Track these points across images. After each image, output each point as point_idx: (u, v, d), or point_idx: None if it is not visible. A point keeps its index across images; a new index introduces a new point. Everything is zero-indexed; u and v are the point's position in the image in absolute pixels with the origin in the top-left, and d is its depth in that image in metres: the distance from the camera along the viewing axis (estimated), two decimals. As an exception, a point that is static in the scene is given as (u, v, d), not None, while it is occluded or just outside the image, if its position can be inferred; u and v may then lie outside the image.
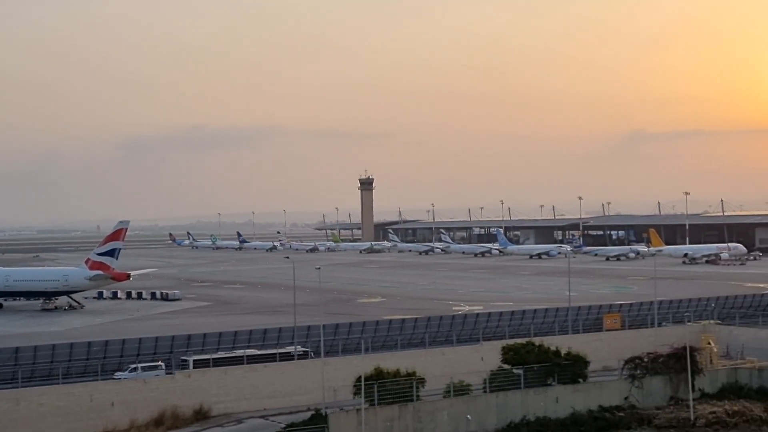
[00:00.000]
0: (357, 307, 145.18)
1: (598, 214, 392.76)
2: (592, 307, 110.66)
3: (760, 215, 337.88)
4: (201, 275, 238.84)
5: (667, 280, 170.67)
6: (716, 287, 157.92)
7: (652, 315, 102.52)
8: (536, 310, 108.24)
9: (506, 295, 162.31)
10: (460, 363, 76.86)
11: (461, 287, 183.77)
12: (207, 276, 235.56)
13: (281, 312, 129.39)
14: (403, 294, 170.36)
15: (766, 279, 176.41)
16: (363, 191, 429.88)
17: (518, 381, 65.79)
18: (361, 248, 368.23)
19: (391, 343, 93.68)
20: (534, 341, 72.50)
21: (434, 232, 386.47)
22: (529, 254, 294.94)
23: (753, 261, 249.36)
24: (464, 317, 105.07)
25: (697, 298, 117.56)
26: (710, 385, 71.06)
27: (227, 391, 73.57)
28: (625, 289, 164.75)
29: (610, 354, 79.46)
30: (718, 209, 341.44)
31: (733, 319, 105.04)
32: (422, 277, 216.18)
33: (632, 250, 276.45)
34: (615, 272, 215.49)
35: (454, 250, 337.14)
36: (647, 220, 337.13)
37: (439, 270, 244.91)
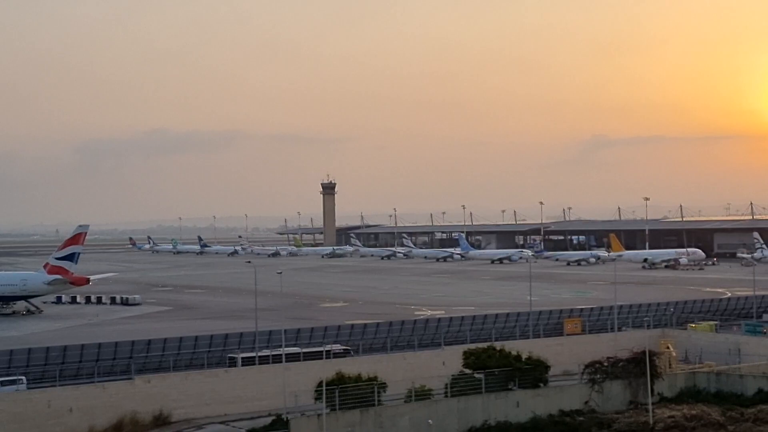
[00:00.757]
0: (319, 312, 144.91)
1: (559, 219, 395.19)
2: (552, 311, 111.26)
3: (719, 221, 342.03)
4: (161, 280, 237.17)
5: (627, 284, 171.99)
6: (675, 292, 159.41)
7: (612, 320, 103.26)
8: (497, 314, 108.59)
9: (468, 299, 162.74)
10: (422, 368, 76.98)
11: (423, 292, 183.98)
12: (168, 280, 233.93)
13: (243, 317, 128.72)
14: (365, 299, 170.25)
15: (724, 284, 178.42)
16: (325, 196, 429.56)
17: (479, 386, 65.97)
18: (323, 253, 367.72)
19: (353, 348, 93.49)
20: (495, 346, 72.75)
21: (396, 237, 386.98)
22: (490, 259, 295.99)
23: (711, 266, 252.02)
24: (426, 322, 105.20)
25: (657, 303, 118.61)
26: (669, 389, 71.65)
27: (188, 397, 73.10)
28: (585, 294, 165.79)
29: (570, 358, 79.95)
30: (678, 215, 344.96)
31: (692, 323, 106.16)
32: (384, 282, 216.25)
33: (593, 255, 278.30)
34: (576, 277, 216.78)
35: (416, 254, 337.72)
36: (608, 225, 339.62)
37: (401, 275, 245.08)
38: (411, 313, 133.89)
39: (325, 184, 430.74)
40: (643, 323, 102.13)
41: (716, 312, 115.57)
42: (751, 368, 78.86)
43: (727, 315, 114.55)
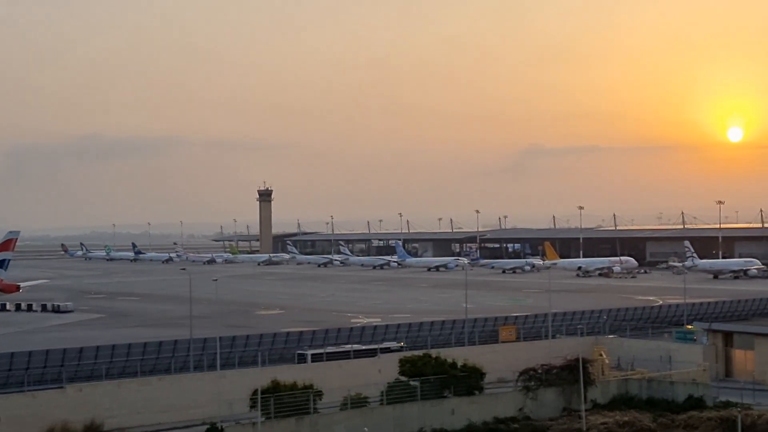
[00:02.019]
0: (255, 319, 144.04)
1: (495, 228, 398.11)
2: (488, 319, 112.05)
3: (651, 230, 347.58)
4: (95, 287, 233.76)
5: (561, 292, 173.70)
6: (608, 300, 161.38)
7: (546, 327, 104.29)
8: (433, 322, 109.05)
9: (404, 307, 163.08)
10: (358, 375, 76.89)
11: (360, 299, 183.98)
12: (101, 288, 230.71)
13: (177, 324, 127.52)
14: (302, 306, 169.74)
15: (655, 292, 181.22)
16: (261, 203, 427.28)
17: (415, 393, 66.12)
18: (260, 260, 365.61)
19: (288, 356, 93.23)
20: (431, 353, 72.93)
21: (333, 244, 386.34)
22: (427, 267, 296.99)
23: (644, 274, 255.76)
24: (362, 329, 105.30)
25: (590, 311, 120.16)
26: (602, 396, 72.47)
27: (120, 405, 72.04)
28: (520, 302, 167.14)
29: (505, 365, 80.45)
30: (611, 223, 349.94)
31: (624, 330, 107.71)
32: (321, 289, 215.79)
33: (528, 263, 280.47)
34: (511, 285, 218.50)
35: (352, 262, 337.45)
36: (542, 234, 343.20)
37: (338, 282, 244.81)
38: (347, 321, 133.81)
39: (261, 190, 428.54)
40: (576, 331, 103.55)
41: (648, 320, 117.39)
42: (682, 375, 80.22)
43: (658, 323, 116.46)
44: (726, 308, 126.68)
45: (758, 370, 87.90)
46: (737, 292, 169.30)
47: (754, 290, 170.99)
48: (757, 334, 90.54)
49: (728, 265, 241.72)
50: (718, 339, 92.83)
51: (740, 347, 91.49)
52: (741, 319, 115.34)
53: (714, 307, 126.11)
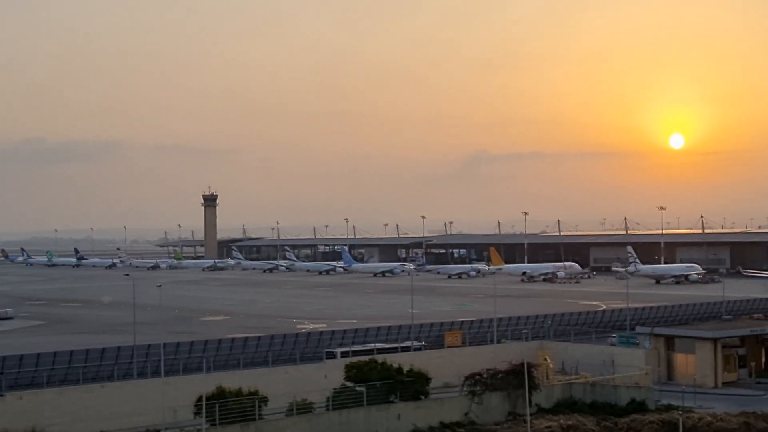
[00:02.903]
0: (199, 326, 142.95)
1: (441, 233, 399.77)
2: (434, 324, 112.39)
3: (594, 235, 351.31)
4: (36, 293, 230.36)
5: (506, 297, 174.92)
6: (553, 304, 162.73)
7: (491, 332, 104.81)
8: (380, 327, 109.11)
9: (350, 312, 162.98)
10: (304, 381, 76.58)
11: (306, 305, 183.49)
12: (42, 294, 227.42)
13: (121, 331, 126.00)
14: (247, 312, 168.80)
15: (599, 296, 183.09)
16: (206, 208, 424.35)
17: (361, 398, 66.02)
18: (204, 266, 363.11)
19: (233, 362, 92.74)
20: (377, 359, 72.92)
21: (279, 250, 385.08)
22: (373, 272, 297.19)
23: (587, 279, 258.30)
24: (308, 335, 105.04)
25: (535, 316, 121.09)
26: (546, 400, 72.98)
27: (62, 413, 70.85)
28: (466, 307, 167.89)
29: (451, 371, 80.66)
30: (556, 229, 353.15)
31: (569, 335, 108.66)
32: (266, 295, 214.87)
33: (473, 269, 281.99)
34: (457, 290, 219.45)
35: (298, 267, 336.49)
36: (488, 239, 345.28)
37: (284, 288, 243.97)
38: (293, 327, 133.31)
39: (206, 196, 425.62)
40: (521, 335, 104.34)
41: (592, 324, 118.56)
42: (625, 379, 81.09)
43: (602, 327, 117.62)
44: (668, 313, 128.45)
45: (699, 373, 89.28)
46: (679, 296, 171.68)
47: (695, 295, 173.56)
48: (698, 338, 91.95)
49: (670, 271, 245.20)
50: (660, 343, 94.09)
51: (681, 351, 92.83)
52: (682, 324, 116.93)
53: (656, 312, 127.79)
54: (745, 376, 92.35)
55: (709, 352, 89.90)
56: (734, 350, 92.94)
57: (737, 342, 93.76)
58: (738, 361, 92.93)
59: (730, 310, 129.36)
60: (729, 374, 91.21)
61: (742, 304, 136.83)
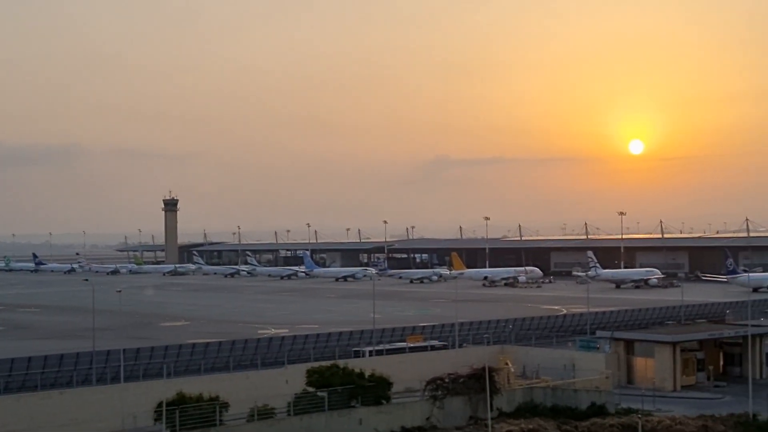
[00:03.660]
0: (159, 331, 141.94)
1: (403, 238, 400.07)
2: (396, 329, 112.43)
3: (555, 240, 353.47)
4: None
5: (468, 302, 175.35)
6: (514, 309, 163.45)
7: (453, 336, 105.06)
8: (341, 332, 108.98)
9: (312, 317, 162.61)
10: (265, 386, 76.33)
11: (267, 310, 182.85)
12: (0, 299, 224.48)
13: (80, 336, 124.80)
14: (208, 317, 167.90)
15: (560, 301, 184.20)
16: (167, 212, 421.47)
17: (323, 404, 65.91)
18: (165, 270, 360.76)
19: (194, 368, 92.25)
20: (339, 364, 72.83)
21: (240, 255, 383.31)
22: (335, 277, 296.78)
23: (548, 284, 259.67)
24: (269, 340, 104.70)
25: (496, 320, 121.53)
26: (507, 404, 73.29)
27: (20, 420, 70.00)
28: (427, 312, 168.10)
29: (413, 375, 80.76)
30: (517, 234, 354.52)
31: (530, 339, 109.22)
32: (228, 300, 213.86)
33: (435, 273, 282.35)
34: (418, 295, 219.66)
35: (260, 272, 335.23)
36: (449, 244, 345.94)
37: (245, 293, 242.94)
38: (254, 332, 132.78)
39: (166, 200, 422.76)
40: (483, 340, 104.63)
41: (552, 328, 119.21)
42: (585, 383, 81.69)
43: (562, 331, 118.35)
44: (627, 317, 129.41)
45: (658, 377, 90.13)
46: (638, 301, 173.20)
47: (655, 299, 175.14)
48: (657, 342, 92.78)
49: (630, 275, 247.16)
50: (620, 347, 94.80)
51: (641, 355, 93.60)
52: (642, 328, 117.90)
53: (616, 316, 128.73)
54: (703, 379, 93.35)
55: (668, 356, 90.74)
56: (693, 354, 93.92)
57: (696, 346, 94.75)
58: (696, 364, 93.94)
59: (688, 314, 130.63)
60: (687, 378, 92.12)
61: (700, 308, 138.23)
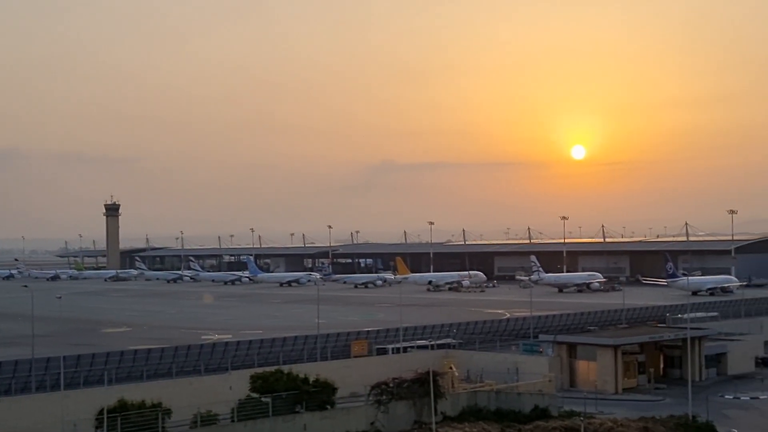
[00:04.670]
0: (101, 338, 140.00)
1: (347, 243, 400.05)
2: (340, 334, 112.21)
3: (499, 244, 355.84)
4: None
5: (412, 306, 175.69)
6: (458, 313, 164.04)
7: (398, 341, 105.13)
8: (285, 337, 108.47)
9: (256, 323, 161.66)
10: (208, 393, 75.67)
11: (210, 315, 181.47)
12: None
13: (19, 344, 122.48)
14: (150, 323, 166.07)
15: (503, 305, 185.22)
16: (108, 217, 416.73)
17: (267, 409, 65.54)
18: (107, 276, 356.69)
19: (136, 374, 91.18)
20: (283, 369, 72.52)
21: (183, 260, 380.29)
22: (279, 282, 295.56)
23: (492, 288, 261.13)
24: (213, 346, 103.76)
25: (441, 324, 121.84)
26: (452, 408, 73.48)
27: (-44, 429, 68.83)
28: (372, 316, 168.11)
29: (357, 380, 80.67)
30: (461, 238, 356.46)
31: (474, 343, 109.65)
32: (170, 306, 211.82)
33: (379, 278, 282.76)
34: (363, 299, 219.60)
35: (203, 278, 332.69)
36: (394, 249, 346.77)
37: (188, 298, 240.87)
38: (197, 338, 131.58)
39: (108, 205, 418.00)
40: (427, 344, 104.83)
41: (496, 332, 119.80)
42: (528, 386, 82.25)
43: (506, 335, 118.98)
44: (570, 321, 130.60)
45: (600, 380, 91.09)
46: (581, 304, 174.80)
47: (597, 303, 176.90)
48: (599, 346, 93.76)
49: (572, 279, 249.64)
50: (563, 350, 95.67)
51: (583, 358, 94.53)
52: (584, 331, 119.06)
53: (559, 320, 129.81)
54: (644, 382, 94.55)
55: (610, 359, 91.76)
56: (634, 357, 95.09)
57: (637, 349, 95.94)
58: (637, 367, 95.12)
59: (629, 317, 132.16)
60: (629, 380, 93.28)
61: (641, 312, 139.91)
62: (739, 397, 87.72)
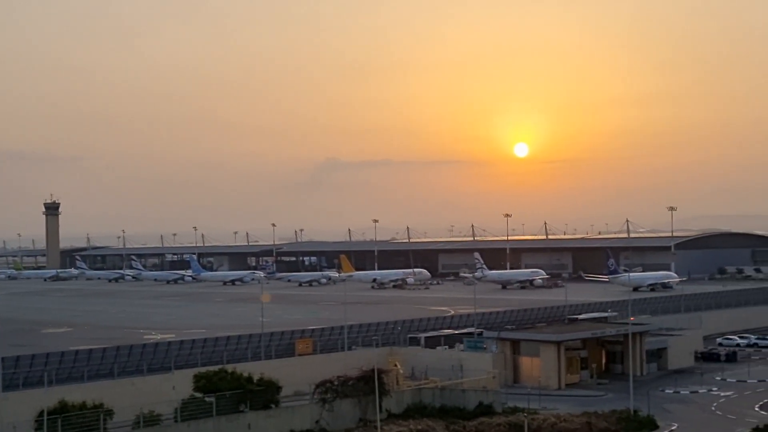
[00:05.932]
0: (41, 338, 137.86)
1: (291, 241, 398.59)
2: (284, 332, 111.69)
3: (443, 242, 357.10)
4: None
5: (357, 304, 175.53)
6: (403, 311, 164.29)
7: (342, 339, 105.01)
8: (229, 336, 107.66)
9: (199, 322, 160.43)
10: (151, 393, 74.97)
11: (153, 315, 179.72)
12: None
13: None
14: (92, 323, 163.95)
15: (448, 302, 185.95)
16: (48, 216, 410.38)
17: (210, 409, 65.12)
18: (46, 276, 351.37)
19: (77, 375, 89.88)
20: (227, 368, 72.12)
21: (125, 259, 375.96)
22: (222, 281, 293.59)
23: (436, 285, 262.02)
24: (155, 346, 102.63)
25: (385, 322, 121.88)
26: (397, 405, 73.66)
27: None
28: (316, 314, 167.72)
29: (302, 378, 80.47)
30: (405, 236, 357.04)
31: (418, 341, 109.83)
32: (112, 305, 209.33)
33: (324, 276, 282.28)
34: (307, 298, 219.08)
35: (146, 277, 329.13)
36: (338, 247, 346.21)
37: (130, 298, 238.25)
38: (140, 337, 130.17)
39: (48, 204, 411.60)
40: (372, 342, 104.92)
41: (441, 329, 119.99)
42: (472, 383, 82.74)
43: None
44: (513, 317, 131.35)
45: (543, 375, 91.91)
46: (524, 301, 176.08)
47: (539, 299, 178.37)
48: (542, 342, 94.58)
49: (515, 276, 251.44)
50: (507, 347, 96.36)
51: (527, 354, 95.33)
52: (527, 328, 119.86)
53: (502, 317, 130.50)
54: (587, 377, 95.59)
55: (553, 355, 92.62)
56: (576, 353, 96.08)
57: (579, 344, 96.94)
58: (580, 363, 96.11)
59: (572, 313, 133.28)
60: (572, 376, 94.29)
61: (583, 308, 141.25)
62: (679, 391, 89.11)
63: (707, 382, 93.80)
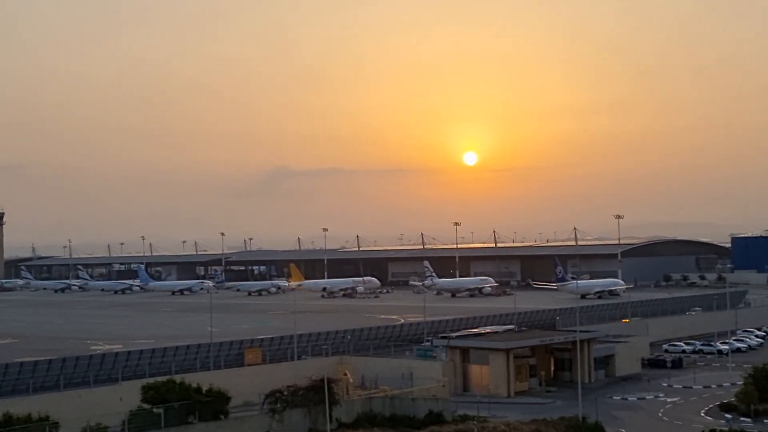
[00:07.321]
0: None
1: (241, 250, 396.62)
2: (233, 342, 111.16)
3: (393, 250, 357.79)
4: None
5: (306, 313, 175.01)
6: (353, 319, 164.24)
7: (292, 348, 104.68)
8: (178, 347, 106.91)
9: (147, 332, 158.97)
10: (98, 404, 74.07)
11: (100, 325, 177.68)
12: None
13: None
14: (37, 334, 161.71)
15: (397, 311, 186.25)
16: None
17: (159, 421, 64.50)
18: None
19: (22, 387, 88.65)
20: (175, 379, 71.46)
21: (71, 269, 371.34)
22: (171, 290, 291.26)
23: (386, 293, 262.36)
24: (102, 357, 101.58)
25: (335, 331, 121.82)
26: (347, 415, 73.49)
27: None
28: (266, 324, 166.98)
29: (251, 389, 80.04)
30: (355, 245, 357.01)
31: (368, 350, 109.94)
32: (58, 316, 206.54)
33: (273, 285, 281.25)
34: (257, 307, 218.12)
35: (92, 287, 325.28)
36: (288, 256, 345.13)
37: (77, 308, 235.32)
38: (86, 348, 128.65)
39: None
40: (322, 351, 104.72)
41: (390, 338, 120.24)
42: (422, 391, 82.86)
43: (400, 341, 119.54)
44: (463, 325, 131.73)
45: (493, 383, 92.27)
46: (473, 309, 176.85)
47: (489, 307, 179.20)
48: (491, 350, 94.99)
49: (465, 284, 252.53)
50: (456, 355, 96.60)
51: (476, 362, 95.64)
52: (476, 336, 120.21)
53: (452, 325, 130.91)
54: (535, 384, 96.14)
55: (502, 363, 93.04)
56: (525, 360, 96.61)
57: (528, 352, 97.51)
58: (529, 370, 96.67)
59: (521, 321, 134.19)
60: (521, 383, 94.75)
61: (532, 315, 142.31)
62: (627, 398, 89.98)
63: (654, 388, 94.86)
